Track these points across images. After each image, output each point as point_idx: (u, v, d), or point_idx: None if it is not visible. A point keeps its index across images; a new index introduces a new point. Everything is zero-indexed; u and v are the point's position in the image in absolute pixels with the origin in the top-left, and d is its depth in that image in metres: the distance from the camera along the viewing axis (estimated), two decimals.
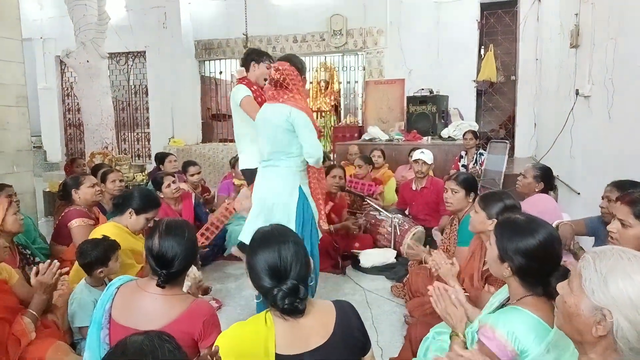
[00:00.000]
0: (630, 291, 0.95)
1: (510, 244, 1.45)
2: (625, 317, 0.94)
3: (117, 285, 1.69)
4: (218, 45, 8.79)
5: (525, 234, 1.44)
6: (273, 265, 1.34)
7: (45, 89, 9.68)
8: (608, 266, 1.00)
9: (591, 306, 1.00)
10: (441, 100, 6.91)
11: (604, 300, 0.97)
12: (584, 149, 4.07)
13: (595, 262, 1.02)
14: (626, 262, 0.99)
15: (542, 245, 1.41)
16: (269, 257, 1.35)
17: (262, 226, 1.49)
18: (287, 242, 1.38)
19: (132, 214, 2.73)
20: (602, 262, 1.01)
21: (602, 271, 1.00)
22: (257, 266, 1.36)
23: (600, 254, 1.04)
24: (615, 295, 0.96)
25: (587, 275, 1.02)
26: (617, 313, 0.95)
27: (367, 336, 1.48)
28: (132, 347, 0.92)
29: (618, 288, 0.96)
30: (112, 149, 6.18)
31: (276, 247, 1.36)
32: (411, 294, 2.89)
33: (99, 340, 1.61)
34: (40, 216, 5.24)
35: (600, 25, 3.58)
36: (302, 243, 1.44)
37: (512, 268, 1.45)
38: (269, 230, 1.46)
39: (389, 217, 4.12)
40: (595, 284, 0.99)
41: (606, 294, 0.97)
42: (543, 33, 6.52)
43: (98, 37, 5.91)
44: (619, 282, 0.96)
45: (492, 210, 2.15)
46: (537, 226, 1.45)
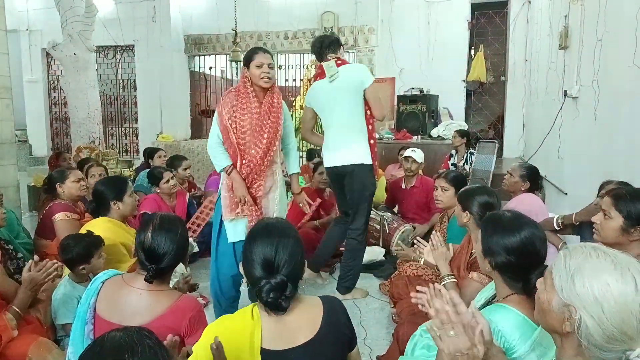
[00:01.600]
0: (595, 289, 0.95)
1: (491, 239, 1.47)
2: (590, 315, 0.95)
3: (102, 279, 1.66)
4: (208, 41, 8.72)
5: (507, 230, 1.45)
6: (268, 257, 1.33)
7: (31, 81, 9.51)
8: (576, 264, 1.00)
9: (560, 303, 1.01)
10: (431, 100, 6.94)
11: (571, 297, 0.98)
12: (572, 149, 4.11)
13: (565, 260, 1.03)
14: (595, 260, 0.99)
15: (523, 243, 1.42)
16: (265, 248, 1.34)
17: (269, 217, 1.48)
18: (288, 238, 1.37)
19: (117, 204, 2.70)
20: (572, 259, 1.02)
21: (570, 268, 1.01)
22: (253, 254, 1.35)
23: (572, 251, 1.05)
24: (580, 292, 0.97)
25: (556, 272, 1.04)
26: (581, 310, 0.96)
27: (353, 332, 1.48)
28: (110, 343, 0.90)
29: (584, 286, 0.97)
30: (99, 143, 6.09)
31: (276, 240, 1.35)
32: (394, 299, 2.91)
33: (83, 335, 1.58)
34: (25, 211, 5.15)
35: (588, 27, 3.61)
36: (301, 242, 1.42)
37: (492, 263, 1.47)
38: (274, 222, 1.46)
39: (378, 215, 4.12)
40: (564, 281, 1.01)
41: (572, 291, 0.98)
42: (533, 34, 6.58)
43: (85, 29, 5.81)
44: (585, 280, 0.97)
45: (466, 204, 2.22)
46: (521, 223, 1.47)
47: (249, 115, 2.63)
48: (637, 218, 1.69)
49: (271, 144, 2.65)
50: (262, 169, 2.68)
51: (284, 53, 8.55)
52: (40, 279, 2.05)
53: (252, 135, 2.62)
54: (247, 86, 2.65)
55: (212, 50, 8.77)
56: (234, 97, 2.67)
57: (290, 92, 8.51)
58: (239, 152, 2.65)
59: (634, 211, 1.69)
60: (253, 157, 2.64)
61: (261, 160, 2.65)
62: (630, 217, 1.70)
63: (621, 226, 1.71)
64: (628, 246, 1.72)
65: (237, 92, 2.68)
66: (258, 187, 2.71)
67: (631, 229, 1.70)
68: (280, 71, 8.63)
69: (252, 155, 2.64)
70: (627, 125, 2.84)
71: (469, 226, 2.24)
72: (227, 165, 2.68)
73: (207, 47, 8.76)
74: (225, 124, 2.63)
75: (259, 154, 2.63)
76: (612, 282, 0.94)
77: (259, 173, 2.68)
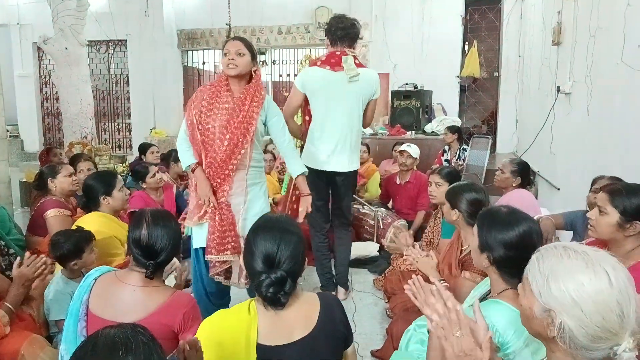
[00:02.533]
0: (572, 290, 0.94)
1: (489, 234, 1.47)
2: (570, 317, 0.94)
3: (94, 276, 1.65)
4: (201, 35, 8.65)
5: (505, 225, 1.46)
6: (270, 252, 1.33)
7: (22, 76, 9.39)
8: (549, 267, 1.00)
9: (541, 308, 1.00)
10: (425, 95, 6.94)
11: (550, 301, 0.97)
12: (565, 145, 4.14)
13: (538, 263, 1.02)
14: (567, 261, 0.98)
15: (521, 237, 1.43)
16: (268, 243, 1.34)
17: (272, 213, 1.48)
18: (291, 234, 1.37)
19: (106, 198, 2.69)
20: (545, 262, 1.01)
21: (545, 272, 1.00)
22: (255, 247, 1.35)
23: (544, 253, 1.04)
24: (557, 295, 0.96)
25: (532, 277, 1.03)
26: (561, 314, 0.95)
27: (350, 329, 1.48)
28: (104, 340, 0.89)
29: (559, 289, 0.96)
30: (91, 138, 6.05)
31: (279, 235, 1.35)
32: (388, 294, 2.92)
33: (75, 332, 1.58)
34: (17, 207, 5.11)
35: (581, 23, 3.63)
36: (304, 240, 1.43)
37: (490, 258, 1.47)
38: (278, 217, 1.47)
39: (372, 210, 4.13)
40: (541, 286, 1.00)
41: (550, 295, 0.97)
42: (526, 30, 6.59)
43: (77, 23, 5.75)
44: (560, 283, 0.96)
45: (454, 201, 2.23)
46: (518, 218, 1.48)
47: (217, 111, 2.41)
48: (632, 213, 1.68)
49: (236, 146, 2.37)
50: (226, 172, 2.40)
51: (277, 48, 8.51)
52: (29, 275, 2.03)
53: (219, 133, 2.39)
54: (222, 79, 2.48)
55: (205, 45, 8.71)
56: (206, 91, 2.48)
57: (285, 88, 8.49)
58: (204, 151, 2.42)
59: (630, 206, 1.68)
60: (213, 159, 2.39)
61: (223, 162, 2.38)
62: (626, 213, 1.69)
63: (617, 222, 1.70)
64: (623, 242, 1.72)
65: (211, 86, 2.50)
66: (222, 192, 2.43)
67: (627, 224, 1.69)
68: (274, 66, 8.60)
69: (212, 157, 2.39)
70: (620, 121, 2.86)
71: (458, 224, 2.25)
72: (192, 163, 2.45)
73: (200, 41, 8.70)
74: (191, 119, 2.43)
75: (220, 155, 2.37)
76: (586, 281, 0.94)
77: (222, 177, 2.41)
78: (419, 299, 1.58)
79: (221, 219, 2.42)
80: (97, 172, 3.33)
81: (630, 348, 0.91)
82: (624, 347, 0.91)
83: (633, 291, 0.94)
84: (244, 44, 2.44)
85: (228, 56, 2.39)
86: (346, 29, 3.10)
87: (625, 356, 0.91)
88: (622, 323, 0.92)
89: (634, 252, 1.70)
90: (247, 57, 2.42)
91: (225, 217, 2.42)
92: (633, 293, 0.94)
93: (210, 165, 2.41)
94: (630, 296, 0.93)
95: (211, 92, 2.46)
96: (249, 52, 2.44)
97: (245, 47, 2.42)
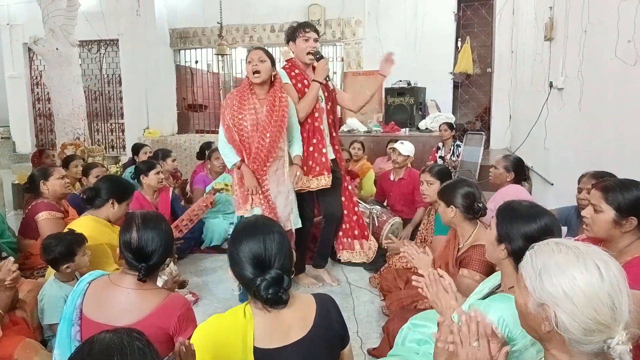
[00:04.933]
0: (563, 284, 0.96)
1: (510, 225, 1.49)
2: (563, 310, 0.95)
3: (88, 280, 1.64)
4: (194, 34, 8.60)
5: (527, 217, 1.48)
6: (257, 254, 1.32)
7: (13, 77, 9.30)
8: (542, 262, 1.01)
9: (535, 303, 1.01)
10: (419, 92, 6.95)
11: (543, 296, 0.99)
12: (557, 140, 4.15)
13: (531, 259, 1.04)
14: (558, 256, 1.00)
15: (543, 231, 1.44)
16: (253, 246, 1.33)
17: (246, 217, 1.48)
18: (272, 233, 1.37)
19: (114, 204, 2.66)
20: (537, 258, 1.03)
21: (537, 267, 1.01)
22: (241, 255, 1.33)
23: (537, 249, 1.05)
24: (550, 290, 0.98)
25: (525, 273, 1.04)
26: (555, 307, 0.97)
27: (346, 330, 1.48)
28: (99, 345, 0.88)
29: (552, 283, 0.97)
30: (84, 139, 6.00)
31: (261, 237, 1.34)
32: (383, 292, 2.92)
33: (69, 337, 1.56)
34: (9, 209, 5.06)
35: (573, 18, 3.64)
36: (286, 234, 1.43)
37: (509, 249, 1.48)
38: (254, 220, 1.45)
39: (367, 208, 4.13)
40: (534, 281, 1.01)
41: (543, 289, 0.99)
42: (518, 26, 6.61)
43: (68, 23, 5.69)
44: (552, 277, 0.98)
45: (449, 198, 2.24)
46: (540, 211, 1.51)
47: (246, 113, 2.82)
48: (628, 209, 1.68)
49: (275, 141, 2.83)
50: (268, 165, 2.87)
51: (270, 46, 8.45)
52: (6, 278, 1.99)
53: (254, 133, 2.81)
54: (246, 85, 2.88)
55: (197, 43, 8.65)
56: (234, 98, 2.88)
57: None
58: (244, 149, 2.85)
59: (624, 202, 1.68)
60: (257, 154, 2.83)
61: (265, 157, 2.84)
62: (621, 209, 1.68)
63: (613, 219, 1.70)
64: (620, 238, 1.71)
65: (238, 93, 2.90)
66: (265, 181, 2.90)
67: (623, 220, 1.69)
68: None
69: (256, 152, 2.83)
70: (612, 116, 2.87)
71: (454, 221, 2.25)
72: (237, 161, 2.89)
73: (192, 40, 8.64)
74: (227, 123, 2.86)
75: (263, 151, 2.82)
76: (578, 275, 0.95)
77: (264, 170, 2.88)
78: (431, 292, 1.58)
79: (268, 205, 2.89)
80: (120, 178, 3.31)
81: (623, 341, 0.92)
82: (617, 340, 0.92)
83: (625, 284, 0.95)
84: (264, 52, 2.85)
85: (252, 63, 2.79)
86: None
87: (618, 349, 0.92)
88: (614, 315, 0.93)
89: (629, 247, 1.70)
90: (267, 63, 2.82)
91: (271, 204, 2.92)
92: (625, 286, 0.95)
93: (254, 160, 2.86)
94: (622, 289, 0.94)
95: (239, 97, 2.87)
96: (269, 58, 2.83)
97: (265, 55, 2.83)
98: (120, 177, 3.03)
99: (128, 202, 2.75)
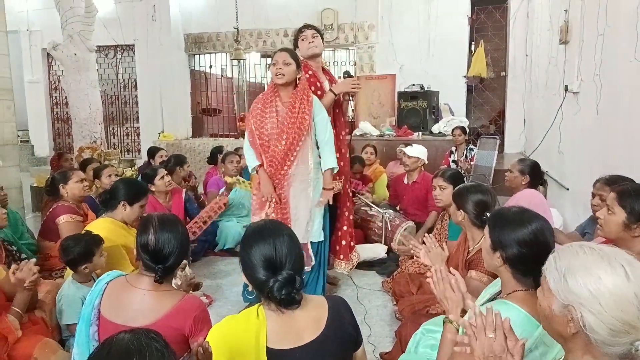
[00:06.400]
0: (589, 284, 0.96)
1: (502, 232, 1.48)
2: (589, 311, 0.95)
3: (106, 281, 1.67)
4: (208, 39, 8.70)
5: (517, 223, 1.47)
6: (268, 256, 1.34)
7: (32, 82, 9.50)
8: (566, 263, 1.02)
9: (560, 305, 1.01)
10: (432, 96, 6.92)
11: (568, 297, 0.99)
12: (573, 144, 4.11)
13: (555, 261, 1.05)
14: (582, 257, 1.00)
15: (534, 234, 1.44)
16: (264, 249, 1.35)
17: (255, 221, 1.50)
18: (282, 235, 1.39)
19: (126, 206, 2.70)
20: (561, 260, 1.03)
21: (561, 269, 1.02)
22: (252, 259, 1.36)
23: (560, 252, 1.06)
24: (575, 291, 0.98)
25: (550, 275, 1.05)
26: (580, 308, 0.97)
27: (359, 331, 1.49)
28: (118, 346, 0.90)
29: (577, 283, 0.98)
30: (101, 143, 6.10)
31: (270, 239, 1.36)
32: (396, 296, 2.91)
33: (88, 336, 1.59)
34: (28, 211, 5.17)
35: (589, 21, 3.60)
36: (295, 236, 1.45)
37: (503, 257, 1.47)
38: (262, 224, 1.47)
39: (380, 212, 4.13)
40: (558, 283, 1.01)
41: (568, 291, 0.99)
42: (533, 29, 6.56)
43: (85, 29, 5.80)
44: (578, 278, 0.98)
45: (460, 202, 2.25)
46: (530, 216, 1.49)
47: (268, 116, 2.78)
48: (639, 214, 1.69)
49: (292, 144, 2.73)
50: (285, 169, 2.78)
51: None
52: (26, 278, 2.04)
53: (275, 136, 2.75)
54: (271, 88, 2.83)
55: (212, 48, 8.75)
56: (259, 101, 2.86)
57: None
58: (263, 153, 2.80)
59: (637, 207, 1.70)
60: (273, 157, 2.77)
61: (282, 160, 2.75)
62: (633, 213, 1.70)
63: (624, 221, 1.72)
64: (630, 242, 1.72)
65: (263, 96, 2.86)
66: (282, 187, 2.81)
67: (634, 225, 1.70)
68: None
69: (272, 156, 2.77)
70: (629, 120, 2.83)
71: (464, 224, 2.25)
72: (256, 165, 2.85)
73: (207, 45, 8.74)
74: (250, 127, 2.84)
75: (279, 154, 2.74)
76: (603, 275, 0.95)
77: (282, 173, 2.79)
78: (438, 289, 1.58)
79: (281, 212, 2.81)
80: (133, 179, 3.33)
81: None
82: None
83: None
84: (290, 54, 2.76)
85: (276, 66, 2.71)
86: None
87: None
88: None
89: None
90: (292, 65, 2.73)
91: (285, 211, 2.82)
92: None
93: (271, 164, 2.79)
94: None
95: (263, 101, 2.84)
96: (294, 61, 2.75)
97: (290, 57, 2.74)
98: (132, 179, 3.05)
99: (141, 204, 2.75)
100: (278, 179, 2.81)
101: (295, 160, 2.78)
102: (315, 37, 3.11)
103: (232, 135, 8.77)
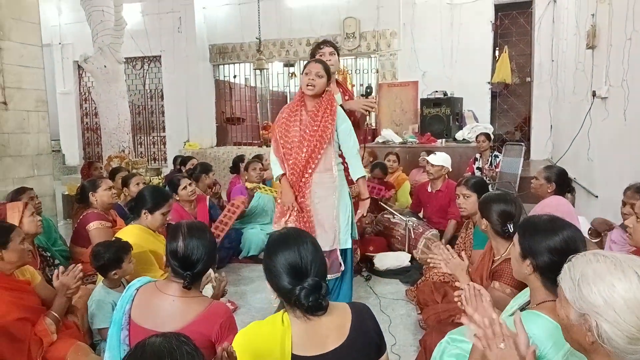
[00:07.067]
0: (603, 292, 0.95)
1: (533, 240, 1.47)
2: (604, 319, 0.95)
3: (136, 286, 1.72)
4: (232, 49, 8.86)
5: (549, 231, 1.46)
6: (294, 264, 1.36)
7: (64, 93, 9.85)
8: (579, 272, 1.01)
9: (577, 314, 1.01)
10: (455, 103, 6.87)
11: (583, 306, 0.98)
12: (602, 151, 4.02)
13: (569, 271, 1.04)
14: (595, 265, 1.00)
15: (566, 242, 1.42)
16: (289, 256, 1.37)
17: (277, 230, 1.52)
18: (305, 242, 1.41)
19: (147, 214, 2.76)
20: (575, 269, 1.03)
21: (575, 278, 1.01)
22: (277, 267, 1.38)
23: (574, 261, 1.05)
24: (590, 299, 0.97)
25: (565, 285, 1.04)
26: (595, 316, 0.96)
27: (382, 338, 1.49)
28: (151, 349, 0.94)
29: (591, 292, 0.97)
30: (129, 152, 6.27)
31: (295, 247, 1.38)
32: (420, 305, 2.89)
33: (119, 341, 1.64)
34: (60, 219, 5.34)
35: (617, 26, 3.54)
36: (318, 243, 1.47)
37: (533, 265, 1.46)
38: (285, 232, 1.49)
39: (403, 220, 4.11)
40: (573, 292, 1.01)
41: (582, 299, 0.98)
42: (559, 34, 6.45)
43: (115, 42, 6.00)
44: (591, 286, 0.97)
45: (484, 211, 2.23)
46: (562, 224, 1.48)
47: (293, 125, 2.79)
48: None
49: (313, 152, 2.72)
50: (306, 177, 2.76)
51: (306, 60, 8.60)
52: (70, 284, 2.14)
53: (298, 142, 2.76)
54: (298, 97, 2.84)
55: (236, 58, 8.90)
56: (284, 111, 2.88)
57: None
58: (285, 161, 2.81)
59: None
60: (295, 165, 2.76)
61: (303, 168, 2.74)
62: None
63: None
64: None
65: (289, 105, 2.89)
66: (303, 195, 2.79)
67: None
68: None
69: (294, 163, 2.76)
70: None
71: (488, 233, 2.23)
72: (279, 174, 2.85)
73: (231, 55, 8.90)
74: (275, 136, 2.86)
75: (301, 162, 2.73)
76: (616, 282, 0.95)
77: (304, 181, 2.78)
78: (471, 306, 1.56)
79: (303, 220, 2.78)
80: (156, 187, 3.39)
81: None
82: None
83: None
84: (323, 67, 2.76)
85: (309, 76, 2.71)
86: None
87: None
88: None
89: None
90: (324, 79, 2.74)
91: (306, 219, 2.78)
92: None
93: (292, 172, 2.78)
94: None
95: (289, 110, 2.86)
96: (326, 74, 2.75)
97: (323, 70, 2.74)
98: (155, 188, 3.09)
99: (163, 212, 2.79)
100: (299, 187, 2.80)
101: (317, 168, 2.76)
102: (332, 55, 3.19)
103: (255, 144, 8.88)
